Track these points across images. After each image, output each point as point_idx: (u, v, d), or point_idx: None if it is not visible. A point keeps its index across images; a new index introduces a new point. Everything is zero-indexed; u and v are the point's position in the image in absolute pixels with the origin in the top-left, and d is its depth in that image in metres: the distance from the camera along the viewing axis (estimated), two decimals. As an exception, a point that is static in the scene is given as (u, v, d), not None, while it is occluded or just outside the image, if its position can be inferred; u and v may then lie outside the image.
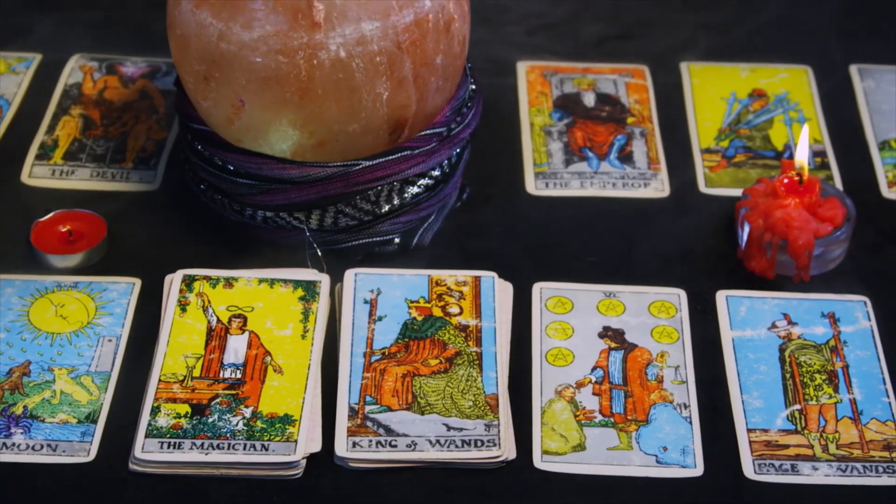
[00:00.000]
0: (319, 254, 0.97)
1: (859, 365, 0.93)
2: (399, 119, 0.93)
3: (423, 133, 0.96)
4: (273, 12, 0.89)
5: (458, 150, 1.00)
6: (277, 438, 0.87)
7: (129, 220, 1.02)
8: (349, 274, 0.97)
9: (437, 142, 0.97)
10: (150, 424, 0.87)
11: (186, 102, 0.97)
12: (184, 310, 0.94)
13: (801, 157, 0.99)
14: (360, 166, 0.94)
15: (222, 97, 0.92)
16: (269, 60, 0.89)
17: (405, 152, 0.95)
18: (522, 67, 1.16)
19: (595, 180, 1.06)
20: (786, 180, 0.99)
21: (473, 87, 1.01)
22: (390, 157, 0.95)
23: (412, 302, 0.95)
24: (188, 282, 0.96)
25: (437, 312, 0.95)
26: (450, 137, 0.98)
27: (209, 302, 0.95)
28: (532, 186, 1.06)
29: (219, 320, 0.94)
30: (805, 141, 1.00)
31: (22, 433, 0.88)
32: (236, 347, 0.92)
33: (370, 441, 0.87)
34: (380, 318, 0.94)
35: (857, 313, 0.96)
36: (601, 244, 1.02)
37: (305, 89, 0.90)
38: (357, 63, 0.89)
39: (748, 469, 0.87)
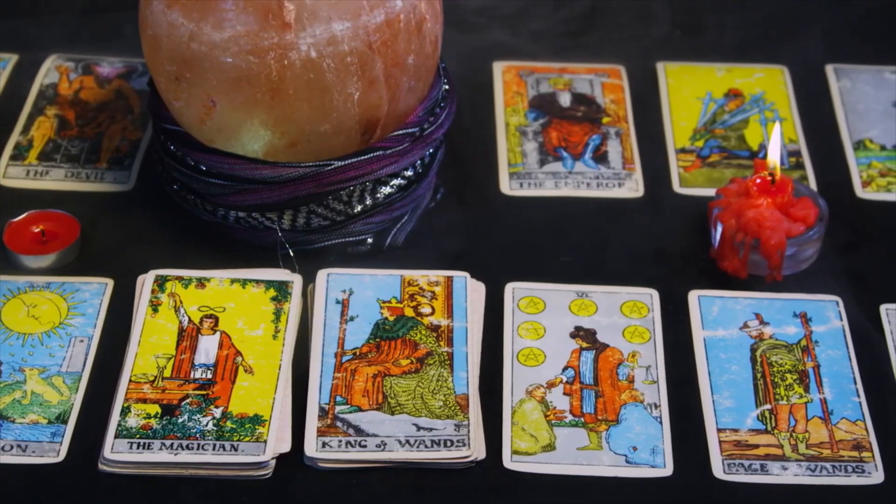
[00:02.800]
0: (291, 254, 0.97)
1: (830, 365, 0.93)
2: (371, 119, 0.93)
3: (395, 133, 0.96)
4: (244, 12, 0.89)
5: (431, 151, 1.00)
6: (247, 439, 0.87)
7: (102, 221, 1.02)
8: (321, 274, 0.97)
9: (409, 142, 0.97)
10: (119, 425, 0.87)
11: (159, 103, 0.97)
12: (155, 310, 0.94)
13: (774, 156, 0.99)
14: (332, 166, 0.94)
15: (194, 97, 0.92)
16: (239, 61, 0.89)
17: (377, 152, 0.95)
18: (499, 67, 1.16)
19: (569, 180, 1.06)
20: (758, 180, 0.99)
21: (447, 86, 1.01)
22: (362, 158, 0.95)
23: (384, 302, 0.95)
24: (160, 282, 0.96)
25: (409, 312, 0.95)
26: (423, 137, 0.97)
27: (181, 302, 0.94)
28: (506, 187, 1.06)
29: (190, 321, 0.93)
30: (777, 140, 1.00)
31: (-8, 434, 0.88)
32: (207, 348, 0.92)
33: (340, 441, 0.87)
34: (351, 319, 0.94)
35: (829, 313, 0.96)
36: (574, 244, 1.01)
37: (276, 89, 0.90)
38: (328, 63, 0.89)
39: (717, 469, 0.87)
